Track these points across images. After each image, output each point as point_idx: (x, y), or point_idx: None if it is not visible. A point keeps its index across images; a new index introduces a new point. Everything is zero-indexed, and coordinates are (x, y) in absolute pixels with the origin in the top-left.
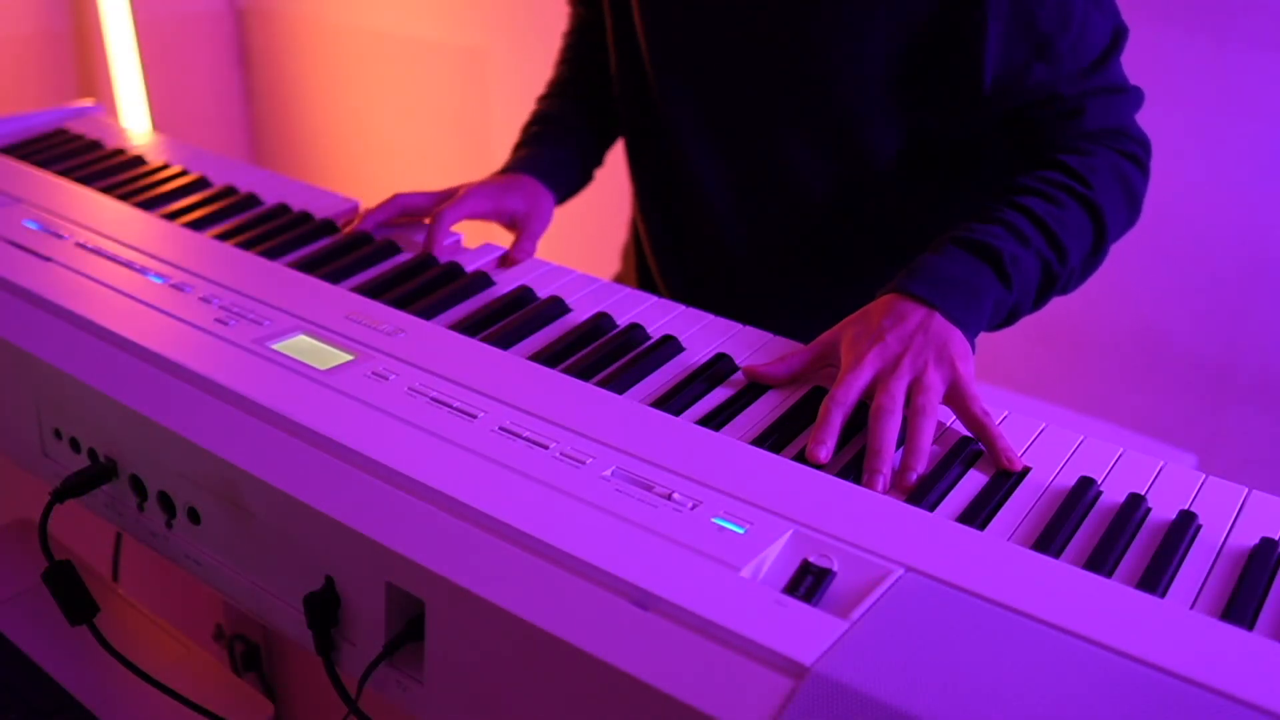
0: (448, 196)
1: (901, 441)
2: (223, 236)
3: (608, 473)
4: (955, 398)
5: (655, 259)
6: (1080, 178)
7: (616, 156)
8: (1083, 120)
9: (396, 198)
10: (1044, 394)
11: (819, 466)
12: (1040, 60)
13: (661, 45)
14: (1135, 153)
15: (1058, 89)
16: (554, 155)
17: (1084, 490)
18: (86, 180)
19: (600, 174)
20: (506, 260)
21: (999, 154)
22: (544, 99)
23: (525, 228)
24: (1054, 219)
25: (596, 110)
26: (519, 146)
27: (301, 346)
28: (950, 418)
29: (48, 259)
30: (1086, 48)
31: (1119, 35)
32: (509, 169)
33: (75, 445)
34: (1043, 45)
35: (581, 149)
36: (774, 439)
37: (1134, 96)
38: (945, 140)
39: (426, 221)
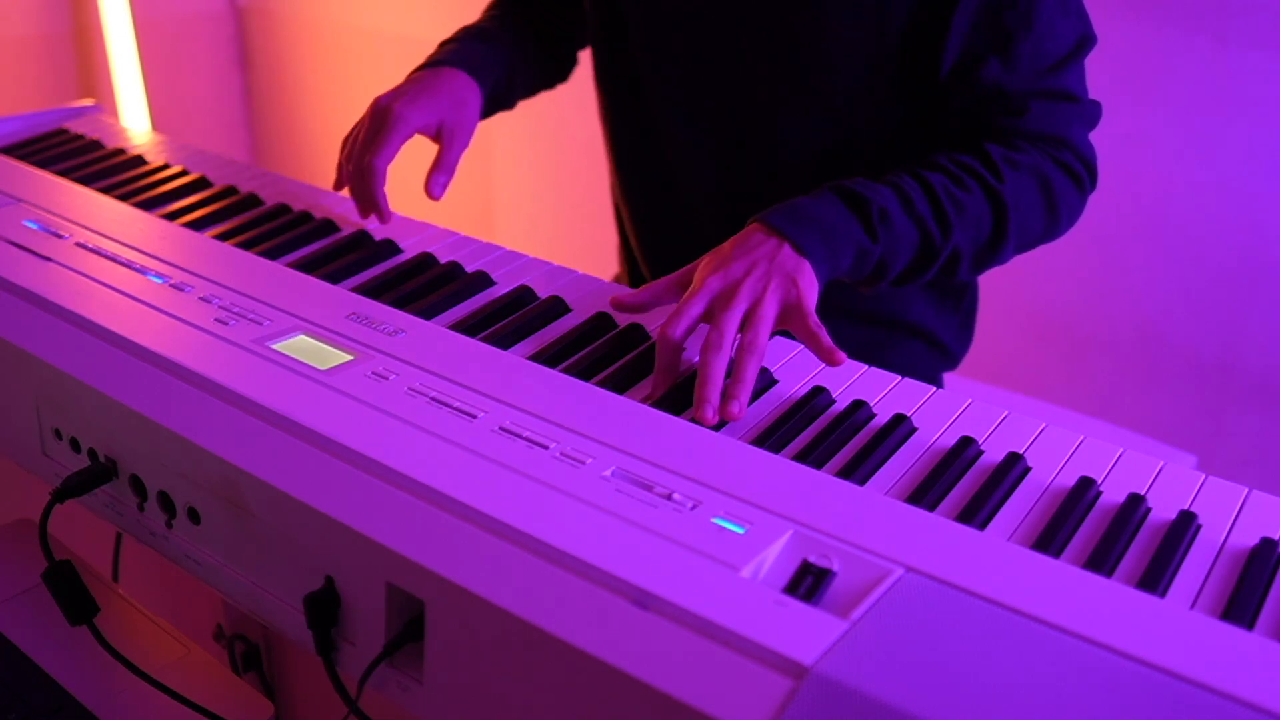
0: (377, 124)
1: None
2: (223, 236)
3: (608, 473)
4: (792, 317)
5: (640, 246)
6: (995, 169)
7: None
8: (1024, 120)
9: (347, 154)
10: (1044, 394)
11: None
12: (997, 55)
13: (649, 31)
14: (1071, 164)
15: (1006, 87)
16: (481, 51)
17: (1084, 490)
18: (86, 180)
19: (599, 175)
20: (427, 191)
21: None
22: (469, 26)
23: (447, 148)
24: (949, 197)
25: (524, 46)
26: (443, 44)
27: (301, 346)
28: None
29: (48, 259)
30: (1045, 52)
31: (1083, 44)
32: (433, 62)
33: (75, 445)
34: (1002, 41)
35: (509, 59)
36: (774, 439)
37: (1086, 109)
38: (926, 125)
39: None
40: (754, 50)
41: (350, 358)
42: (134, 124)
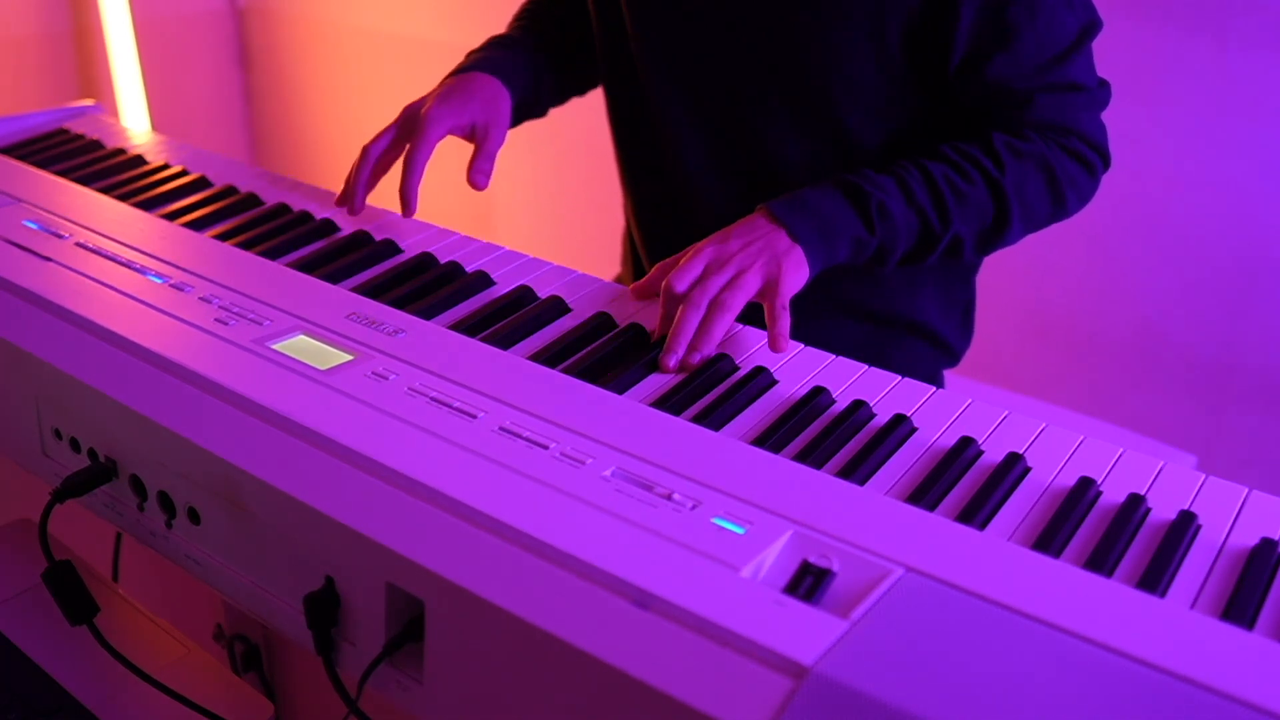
0: (409, 127)
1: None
2: (223, 236)
3: (608, 473)
4: (767, 294)
5: (647, 253)
6: (997, 158)
7: (614, 158)
8: (1029, 111)
9: (366, 153)
10: (1044, 394)
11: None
12: (1002, 51)
13: (649, 39)
14: (1080, 150)
15: (1012, 84)
16: (511, 58)
17: (1084, 490)
18: (86, 180)
19: (599, 175)
20: (470, 182)
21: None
22: (496, 35)
23: (484, 141)
24: (950, 187)
25: (550, 52)
26: (470, 53)
27: (301, 346)
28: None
29: (48, 259)
30: (1048, 46)
31: (1086, 33)
32: (464, 68)
33: (75, 445)
34: (1007, 37)
35: (535, 64)
36: (774, 439)
37: (1095, 95)
38: (927, 128)
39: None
40: (754, 56)
41: (350, 358)
42: (134, 124)
